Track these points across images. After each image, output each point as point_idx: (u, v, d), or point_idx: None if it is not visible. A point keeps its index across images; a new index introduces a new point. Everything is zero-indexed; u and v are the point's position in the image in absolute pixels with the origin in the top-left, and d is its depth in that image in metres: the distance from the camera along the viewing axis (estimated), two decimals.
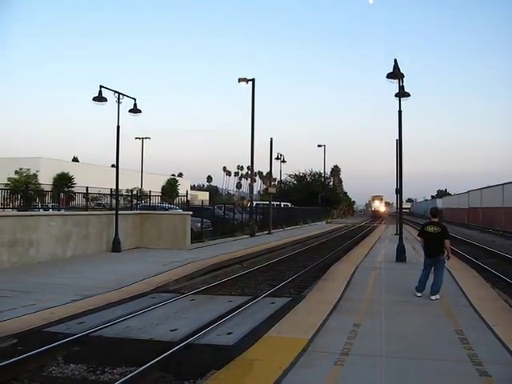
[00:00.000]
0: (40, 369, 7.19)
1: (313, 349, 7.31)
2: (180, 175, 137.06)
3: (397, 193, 21.74)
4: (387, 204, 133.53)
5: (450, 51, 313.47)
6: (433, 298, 11.31)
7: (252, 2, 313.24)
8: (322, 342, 7.72)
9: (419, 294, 11.60)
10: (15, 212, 18.90)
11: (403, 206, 27.43)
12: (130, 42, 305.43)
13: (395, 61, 17.51)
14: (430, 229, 11.74)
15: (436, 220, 12.02)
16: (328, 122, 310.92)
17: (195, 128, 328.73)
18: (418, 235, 12.48)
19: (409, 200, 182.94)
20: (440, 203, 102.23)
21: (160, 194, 41.23)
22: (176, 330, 8.96)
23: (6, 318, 9.13)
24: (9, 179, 38.42)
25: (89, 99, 20.02)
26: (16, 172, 41.37)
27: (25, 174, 41.46)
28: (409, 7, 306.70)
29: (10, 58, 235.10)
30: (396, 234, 28.69)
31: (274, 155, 44.08)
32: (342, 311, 9.99)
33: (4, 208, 19.02)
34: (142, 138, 66.94)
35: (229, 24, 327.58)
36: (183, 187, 74.80)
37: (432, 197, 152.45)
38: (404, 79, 17.82)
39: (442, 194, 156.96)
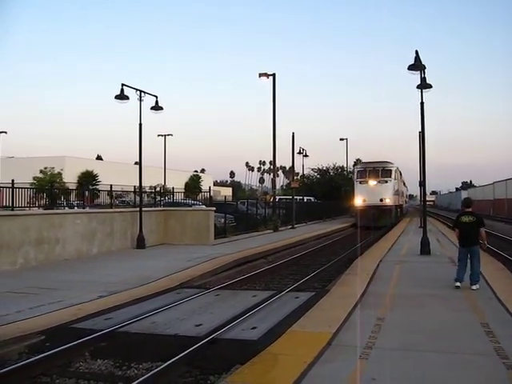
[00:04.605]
0: (68, 364, 7.33)
1: (337, 343, 7.31)
2: (203, 171, 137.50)
3: (420, 185, 21.55)
4: (410, 197, 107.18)
5: (475, 41, 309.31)
6: (474, 287, 11.36)
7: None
8: (347, 336, 7.70)
9: (458, 284, 11.54)
10: (41, 210, 19.13)
11: (427, 199, 27.13)
12: (151, 40, 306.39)
13: (416, 52, 17.37)
14: (465, 219, 11.81)
15: (470, 210, 12.11)
16: (350, 115, 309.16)
17: (217, 124, 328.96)
18: (454, 226, 12.55)
19: (433, 192, 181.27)
20: (465, 195, 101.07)
21: (183, 191, 41.45)
22: (201, 325, 9.03)
23: (35, 314, 9.28)
24: (34, 178, 38.95)
25: (112, 97, 20.20)
26: (41, 171, 41.89)
27: (49, 173, 41.96)
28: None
29: (39, 60, 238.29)
30: (420, 227, 28.47)
31: (296, 149, 43.93)
32: (366, 305, 9.95)
33: (30, 207, 19.27)
34: (165, 135, 67.39)
35: (251, 19, 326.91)
36: (206, 183, 75.06)
37: (456, 189, 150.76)
38: (425, 70, 17.65)
39: (466, 185, 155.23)
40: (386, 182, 42.14)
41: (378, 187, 41.75)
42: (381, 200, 41.03)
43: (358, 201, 41.79)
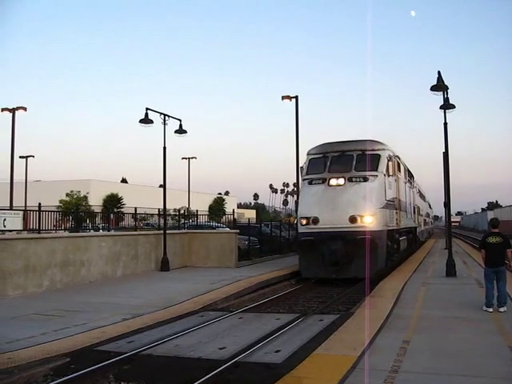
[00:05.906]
0: None
1: (362, 366, 7.21)
2: (226, 193, 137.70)
3: (445, 206, 21.27)
4: (435, 218, 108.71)
5: (498, 60, 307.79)
6: (501, 310, 11.18)
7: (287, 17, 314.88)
8: (372, 359, 7.60)
9: (491, 310, 11.30)
10: (67, 233, 19.35)
11: (453, 220, 26.69)
12: (176, 64, 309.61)
13: (439, 73, 17.25)
14: (492, 239, 11.68)
15: (497, 230, 11.98)
16: (372, 133, 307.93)
17: (241, 146, 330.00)
18: (480, 247, 12.44)
19: (458, 213, 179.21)
20: (491, 215, 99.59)
21: (207, 213, 41.57)
22: (224, 348, 9.00)
23: (60, 337, 9.36)
24: (60, 201, 39.43)
25: (136, 121, 20.45)
26: (67, 194, 42.41)
27: (75, 196, 42.44)
28: (451, 20, 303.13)
29: (65, 84, 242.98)
30: (445, 249, 28.14)
31: None
32: (391, 328, 9.83)
33: (56, 230, 19.51)
34: (189, 158, 67.71)
35: (276, 41, 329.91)
36: (230, 205, 75.18)
37: (482, 209, 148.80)
38: (448, 91, 17.51)
39: (492, 206, 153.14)
40: (366, 179, 19.22)
41: (346, 191, 19.10)
42: (351, 219, 18.68)
43: (303, 221, 19.69)
